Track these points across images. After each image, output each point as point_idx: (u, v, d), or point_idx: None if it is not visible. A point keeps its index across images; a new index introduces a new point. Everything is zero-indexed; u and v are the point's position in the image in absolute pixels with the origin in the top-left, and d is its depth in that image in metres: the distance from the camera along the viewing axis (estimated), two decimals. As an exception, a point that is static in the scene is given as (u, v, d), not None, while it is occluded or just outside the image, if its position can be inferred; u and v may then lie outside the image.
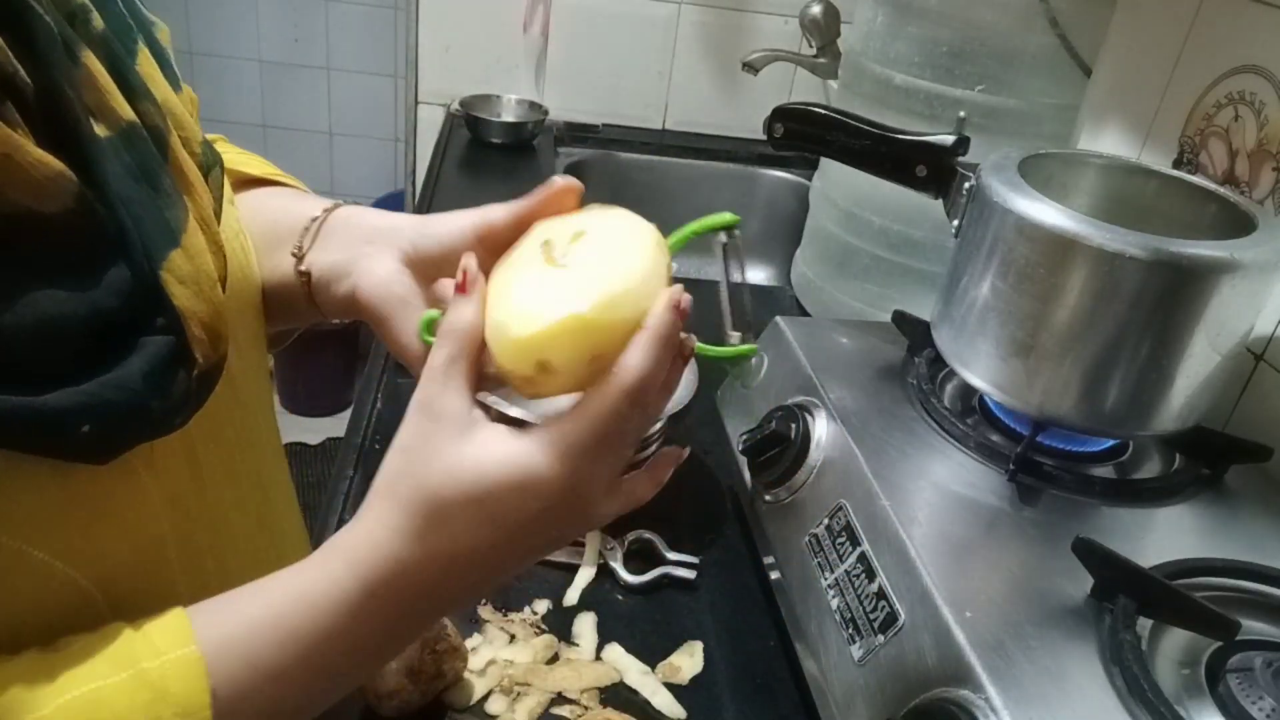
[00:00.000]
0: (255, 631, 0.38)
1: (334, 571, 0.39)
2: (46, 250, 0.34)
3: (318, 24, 2.52)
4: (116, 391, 0.35)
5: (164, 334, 0.38)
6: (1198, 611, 0.52)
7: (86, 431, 0.35)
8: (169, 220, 0.40)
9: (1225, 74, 0.82)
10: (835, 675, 0.60)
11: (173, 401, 0.38)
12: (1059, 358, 0.65)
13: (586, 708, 0.63)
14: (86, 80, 0.38)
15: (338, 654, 0.39)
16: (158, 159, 0.40)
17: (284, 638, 0.38)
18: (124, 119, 0.39)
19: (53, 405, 0.34)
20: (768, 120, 0.84)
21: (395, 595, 0.40)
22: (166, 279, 0.38)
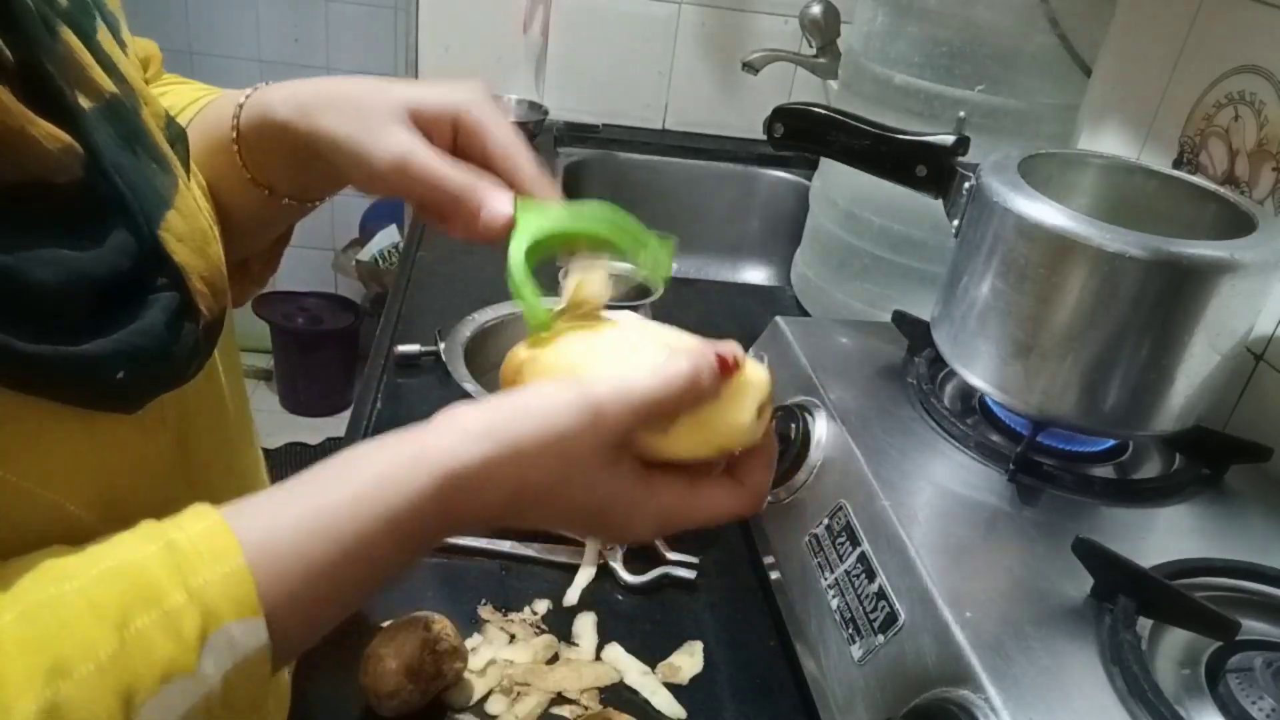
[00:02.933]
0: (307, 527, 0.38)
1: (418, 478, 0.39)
2: (58, 216, 0.36)
3: (318, 24, 2.52)
4: (145, 338, 0.38)
5: (168, 290, 0.40)
6: (1198, 611, 0.52)
7: (121, 378, 0.36)
8: (157, 186, 0.41)
9: (1225, 74, 0.82)
10: (835, 675, 0.60)
11: (186, 351, 0.41)
12: (1059, 358, 0.65)
13: (586, 708, 0.63)
14: (66, 54, 0.38)
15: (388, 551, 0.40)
16: (138, 130, 0.42)
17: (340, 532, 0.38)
18: (106, 91, 0.40)
19: (91, 352, 0.35)
20: (768, 120, 0.84)
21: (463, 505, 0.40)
22: (166, 238, 0.40)
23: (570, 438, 0.40)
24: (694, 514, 0.44)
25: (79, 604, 0.32)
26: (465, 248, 1.23)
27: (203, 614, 0.34)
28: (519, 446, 0.40)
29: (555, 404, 0.40)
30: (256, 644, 0.35)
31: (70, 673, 0.31)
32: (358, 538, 0.38)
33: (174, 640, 0.33)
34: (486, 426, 0.40)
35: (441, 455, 0.39)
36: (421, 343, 0.97)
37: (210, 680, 0.34)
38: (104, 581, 0.33)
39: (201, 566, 0.35)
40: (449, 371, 0.85)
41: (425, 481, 0.39)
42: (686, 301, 1.19)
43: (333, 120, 0.48)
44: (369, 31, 2.52)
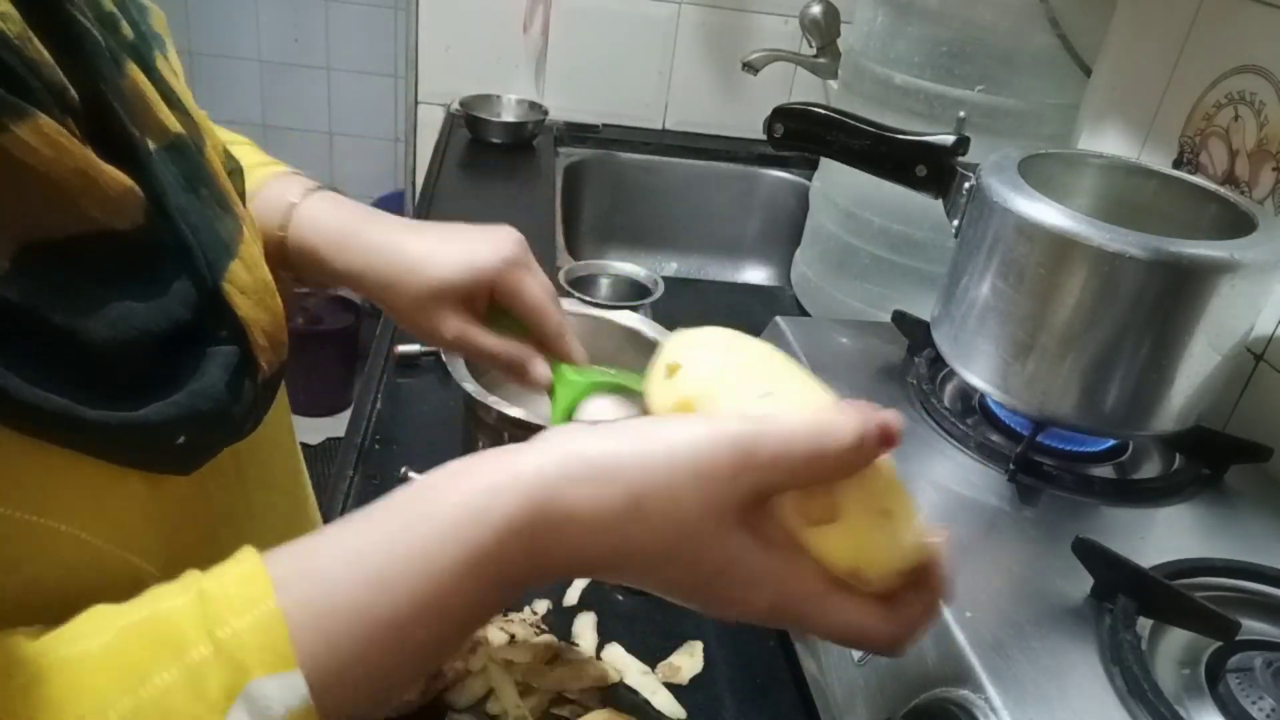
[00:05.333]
0: None
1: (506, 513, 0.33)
2: (119, 265, 0.34)
3: (318, 24, 2.52)
4: (206, 401, 0.36)
5: (228, 344, 0.38)
6: (1198, 611, 0.52)
7: (181, 443, 0.35)
8: (220, 232, 0.40)
9: (1225, 74, 0.82)
10: (835, 675, 0.60)
11: (245, 408, 0.39)
12: (1059, 358, 0.65)
13: (586, 708, 0.63)
14: (132, 91, 0.37)
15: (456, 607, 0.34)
16: (202, 170, 0.41)
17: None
18: (170, 131, 0.39)
19: (151, 418, 0.34)
20: (768, 120, 0.84)
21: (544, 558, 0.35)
22: (229, 290, 0.39)
23: (707, 486, 0.34)
24: (829, 618, 0.36)
25: (98, 661, 0.30)
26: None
27: (230, 669, 0.30)
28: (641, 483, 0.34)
29: (697, 437, 0.34)
30: (295, 701, 0.30)
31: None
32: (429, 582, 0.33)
33: (197, 699, 0.29)
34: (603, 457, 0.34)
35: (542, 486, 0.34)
36: (421, 343, 0.97)
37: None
38: (128, 635, 0.30)
39: (230, 615, 0.31)
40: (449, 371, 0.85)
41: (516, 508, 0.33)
42: (686, 301, 1.19)
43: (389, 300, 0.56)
44: (369, 31, 2.52)
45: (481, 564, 0.33)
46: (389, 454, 0.84)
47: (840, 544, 0.36)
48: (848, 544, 0.36)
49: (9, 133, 0.29)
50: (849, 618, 0.36)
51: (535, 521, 0.33)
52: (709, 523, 0.34)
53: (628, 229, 1.57)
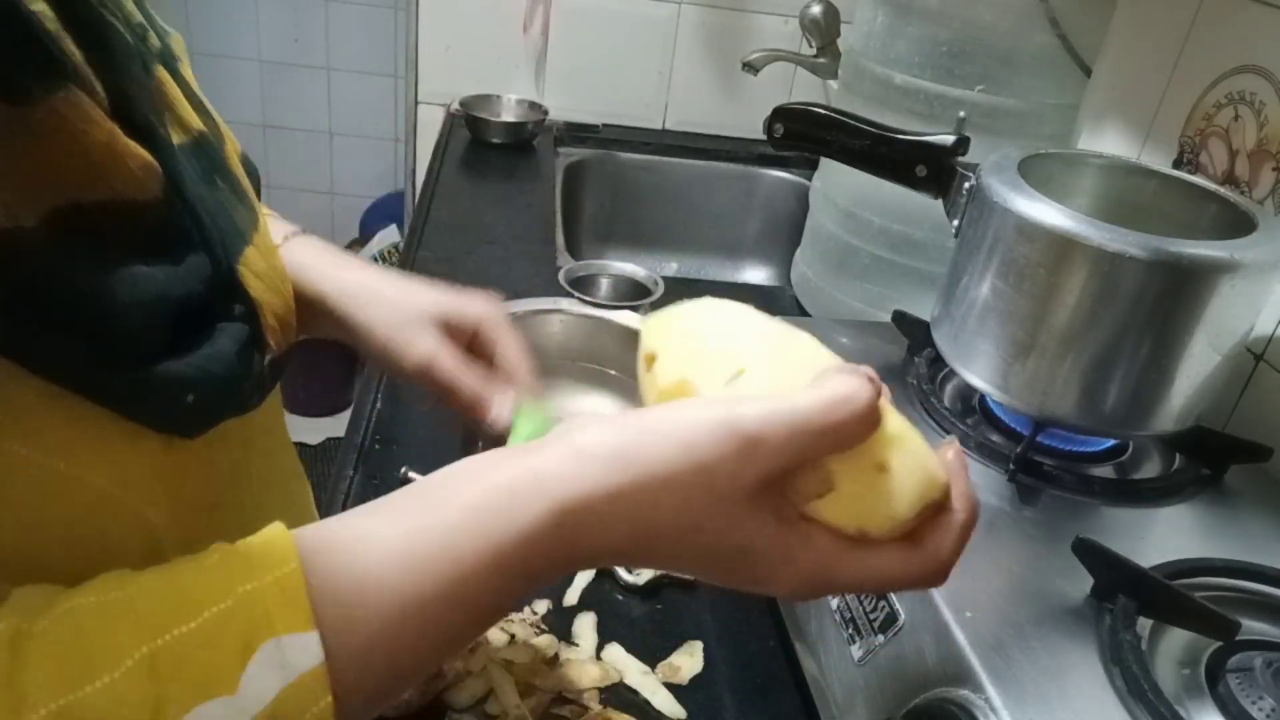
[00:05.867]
0: None
1: (532, 508, 0.34)
2: (141, 236, 0.36)
3: (318, 24, 2.52)
4: (216, 365, 0.38)
5: (241, 321, 0.40)
6: (1198, 611, 0.52)
7: (190, 401, 0.36)
8: (236, 220, 0.42)
9: (1225, 74, 0.82)
10: (835, 675, 0.60)
11: (253, 381, 0.41)
12: (1059, 358, 0.65)
13: (586, 708, 0.63)
14: (158, 90, 0.40)
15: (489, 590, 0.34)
16: (222, 166, 0.43)
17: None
18: (194, 128, 0.42)
19: (164, 374, 0.35)
20: (768, 120, 0.84)
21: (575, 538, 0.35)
22: (243, 273, 0.41)
23: (718, 469, 0.34)
24: (856, 576, 0.37)
25: (115, 611, 0.30)
26: (466, 249, 1.23)
27: (246, 621, 0.30)
28: (654, 475, 0.34)
29: (701, 429, 0.34)
30: (310, 663, 0.30)
31: (88, 681, 0.28)
32: (453, 569, 0.33)
33: (211, 649, 0.29)
34: (614, 449, 0.35)
35: (560, 484, 0.34)
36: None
37: (254, 706, 0.29)
38: (149, 588, 0.31)
39: (253, 573, 0.31)
40: (449, 371, 0.85)
41: (540, 513, 0.34)
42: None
43: (372, 313, 0.55)
44: (369, 31, 2.52)
45: (504, 561, 0.34)
46: (389, 454, 0.84)
47: (840, 511, 0.36)
48: (847, 509, 0.36)
49: (43, 101, 0.31)
50: (872, 570, 0.37)
51: (558, 521, 0.34)
52: (719, 509, 0.35)
53: (628, 229, 1.57)
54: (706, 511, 0.35)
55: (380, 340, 0.55)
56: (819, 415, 0.34)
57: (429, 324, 0.56)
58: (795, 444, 0.35)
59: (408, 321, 0.55)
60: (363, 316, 0.55)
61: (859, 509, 0.36)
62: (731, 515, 0.35)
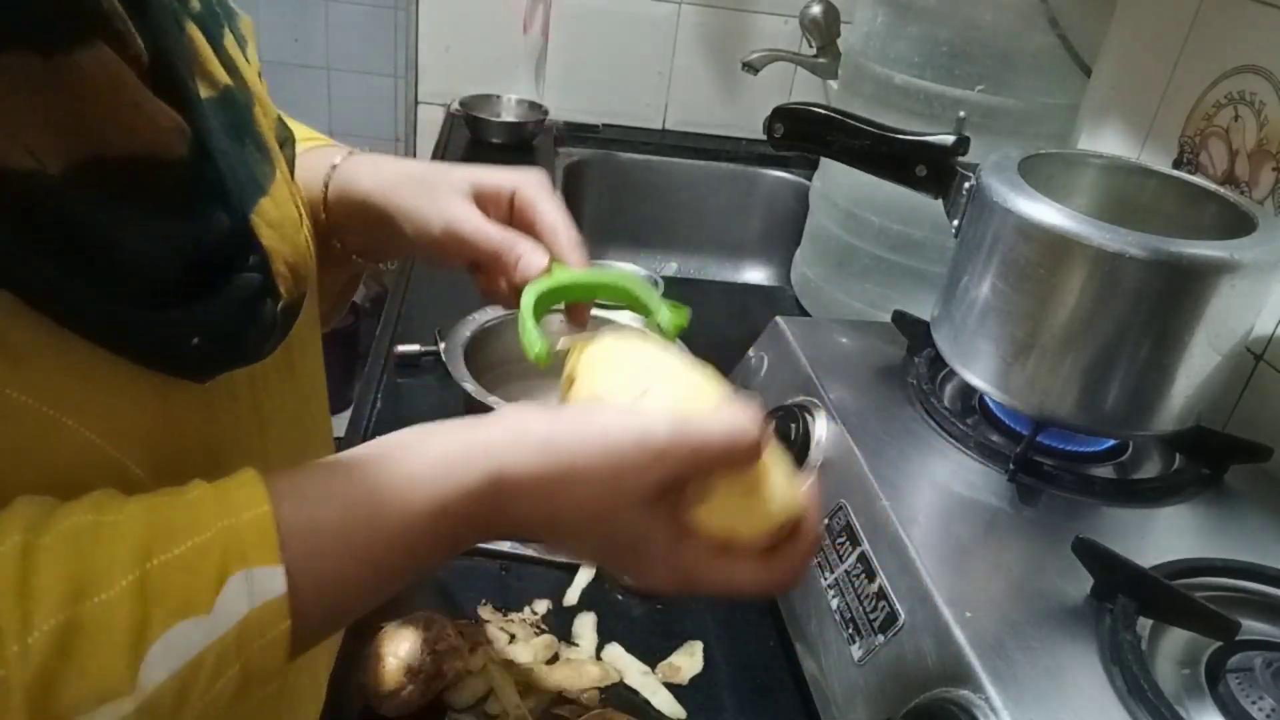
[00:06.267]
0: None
1: (473, 471, 0.39)
2: (162, 191, 0.37)
3: (318, 24, 2.51)
4: (223, 311, 0.39)
5: (254, 271, 0.42)
6: (1198, 611, 0.52)
7: (195, 344, 0.38)
8: (256, 174, 0.44)
9: (1225, 74, 0.82)
10: (835, 675, 0.60)
11: (262, 328, 0.42)
12: (1059, 358, 0.65)
13: (586, 708, 0.63)
14: (190, 47, 0.42)
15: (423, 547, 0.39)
16: (247, 122, 0.45)
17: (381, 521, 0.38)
18: (221, 83, 0.43)
19: (170, 318, 0.37)
20: (768, 120, 0.84)
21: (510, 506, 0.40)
22: (256, 222, 0.42)
23: (627, 471, 0.40)
24: (717, 578, 0.43)
25: (110, 533, 0.33)
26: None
27: (223, 553, 0.34)
28: (574, 466, 0.39)
29: (618, 434, 0.40)
30: (275, 592, 0.35)
31: (87, 597, 0.31)
32: (403, 523, 0.38)
33: (192, 575, 0.33)
34: (547, 437, 0.40)
35: (501, 454, 0.39)
36: (421, 343, 0.97)
37: (224, 624, 0.33)
38: (141, 514, 0.34)
39: (228, 511, 0.35)
40: (449, 371, 0.85)
41: (480, 476, 0.39)
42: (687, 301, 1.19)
43: (404, 193, 0.57)
44: (369, 31, 2.52)
45: (447, 513, 0.38)
46: (389, 454, 0.84)
47: (715, 517, 0.42)
48: (721, 516, 0.42)
49: (72, 55, 0.32)
50: (739, 575, 0.43)
51: (494, 487, 0.39)
52: (622, 505, 0.40)
53: (628, 229, 1.57)
54: (611, 506, 0.40)
55: (411, 216, 0.56)
56: (718, 439, 0.40)
57: (461, 193, 0.56)
58: (695, 460, 0.40)
59: (439, 192, 0.56)
60: (397, 200, 0.57)
61: (729, 518, 0.42)
62: (631, 512, 0.40)
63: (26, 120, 0.32)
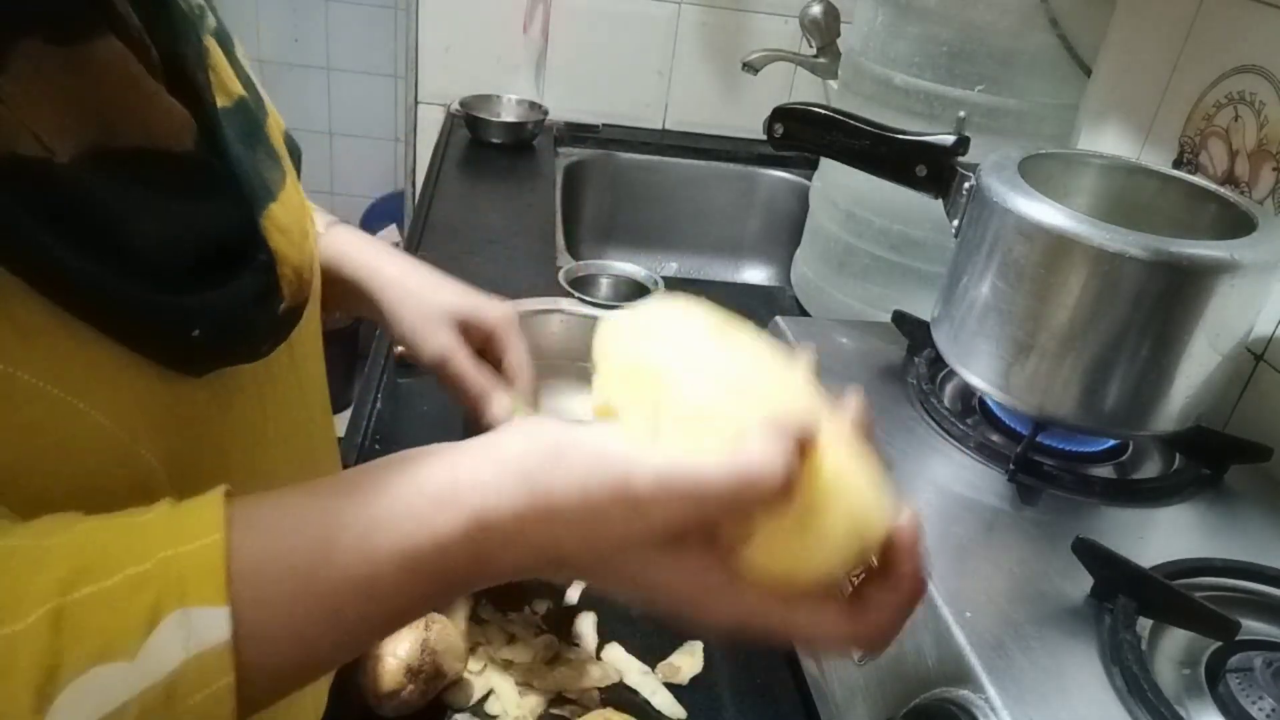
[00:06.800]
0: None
1: (445, 516, 0.34)
2: (172, 183, 0.38)
3: (318, 24, 2.51)
4: (227, 305, 0.39)
5: (260, 271, 0.42)
6: (1198, 611, 0.52)
7: (196, 336, 0.37)
8: (267, 180, 0.44)
9: (1225, 74, 0.82)
10: (835, 675, 0.60)
11: (262, 329, 0.43)
12: (1059, 358, 0.65)
13: (586, 708, 0.63)
14: (207, 56, 0.43)
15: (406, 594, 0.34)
16: (260, 132, 0.46)
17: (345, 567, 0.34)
18: (236, 94, 0.45)
19: (172, 306, 0.37)
20: (768, 120, 0.84)
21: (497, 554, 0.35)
22: (266, 226, 0.43)
23: (605, 518, 0.34)
24: (789, 625, 0.36)
25: (35, 559, 0.29)
26: (466, 248, 1.23)
27: (159, 587, 0.29)
28: (551, 505, 0.34)
29: (596, 483, 0.34)
30: (217, 638, 0.30)
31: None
32: (368, 568, 0.33)
33: (119, 613, 0.29)
34: (524, 470, 0.34)
35: (474, 493, 0.34)
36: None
37: (153, 674, 0.29)
38: (78, 540, 0.30)
39: (176, 539, 0.31)
40: (449, 371, 0.85)
41: (453, 522, 0.34)
42: (686, 301, 1.19)
43: (399, 307, 0.63)
44: (369, 31, 2.52)
45: (418, 565, 0.34)
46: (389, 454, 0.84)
47: (764, 557, 0.34)
48: (770, 555, 0.34)
49: (83, 45, 0.33)
50: (817, 623, 0.36)
51: (470, 535, 0.34)
52: (620, 552, 0.35)
53: (628, 229, 1.57)
54: (608, 552, 0.35)
55: (405, 330, 0.63)
56: (721, 487, 0.33)
57: (449, 322, 0.63)
58: (693, 510, 0.34)
59: (430, 317, 0.63)
60: (391, 307, 0.63)
61: (781, 555, 0.34)
62: (637, 560, 0.35)
63: (40, 106, 0.32)
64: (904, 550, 0.36)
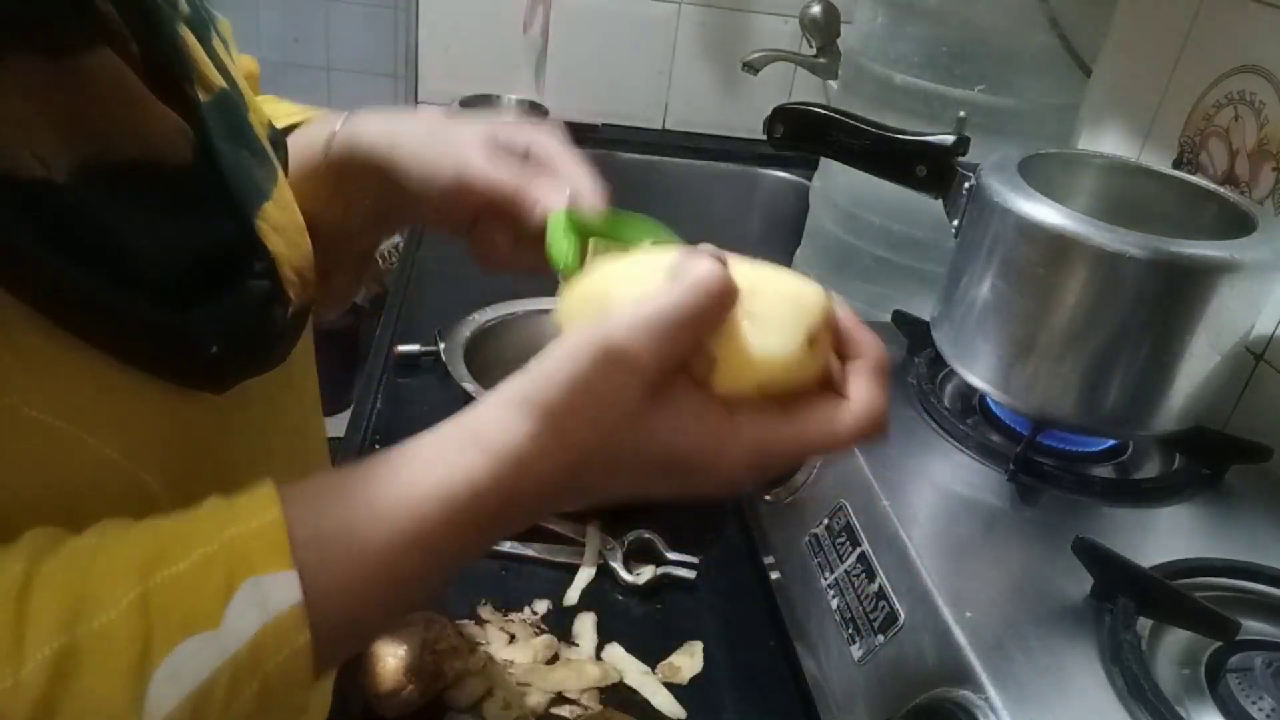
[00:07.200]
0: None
1: (468, 456, 0.36)
2: (167, 195, 0.37)
3: (318, 24, 2.51)
4: (239, 316, 0.39)
5: (262, 276, 0.41)
6: (1198, 611, 0.52)
7: (215, 352, 0.37)
8: (257, 178, 0.43)
9: (1225, 74, 0.82)
10: (835, 675, 0.60)
11: (274, 335, 0.42)
12: (1059, 358, 0.65)
13: (586, 708, 0.63)
14: (184, 49, 0.41)
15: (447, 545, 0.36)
16: (244, 125, 0.44)
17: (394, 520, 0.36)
18: (216, 86, 0.43)
19: (188, 325, 0.36)
20: (768, 120, 0.84)
21: (520, 493, 0.37)
22: (262, 227, 0.42)
23: (597, 384, 0.36)
24: (797, 441, 0.38)
25: (113, 553, 0.32)
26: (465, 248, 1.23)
27: (229, 563, 0.32)
28: (554, 410, 0.36)
29: (572, 353, 0.36)
30: (289, 601, 0.32)
31: (86, 620, 0.30)
32: (412, 519, 0.35)
33: (197, 590, 0.31)
34: (522, 394, 0.37)
35: (488, 430, 0.36)
36: (421, 343, 0.97)
37: (236, 640, 0.31)
38: (145, 534, 0.33)
39: (236, 520, 0.33)
40: (449, 371, 0.85)
41: (476, 459, 0.36)
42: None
43: (411, 143, 0.52)
44: (369, 31, 2.52)
45: (457, 508, 0.36)
46: (389, 454, 0.84)
47: (733, 376, 0.37)
48: (739, 372, 0.37)
49: (78, 58, 0.33)
50: (820, 426, 0.38)
51: (495, 471, 0.36)
52: (624, 424, 0.36)
53: (628, 229, 1.57)
54: (614, 431, 0.36)
55: (418, 168, 0.51)
56: (681, 308, 0.36)
57: (471, 144, 0.52)
58: (668, 341, 0.36)
59: (447, 143, 0.52)
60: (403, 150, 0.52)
61: (748, 364, 0.37)
62: (639, 427, 0.37)
63: (33, 123, 0.32)
64: (847, 324, 0.40)
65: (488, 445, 0.36)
